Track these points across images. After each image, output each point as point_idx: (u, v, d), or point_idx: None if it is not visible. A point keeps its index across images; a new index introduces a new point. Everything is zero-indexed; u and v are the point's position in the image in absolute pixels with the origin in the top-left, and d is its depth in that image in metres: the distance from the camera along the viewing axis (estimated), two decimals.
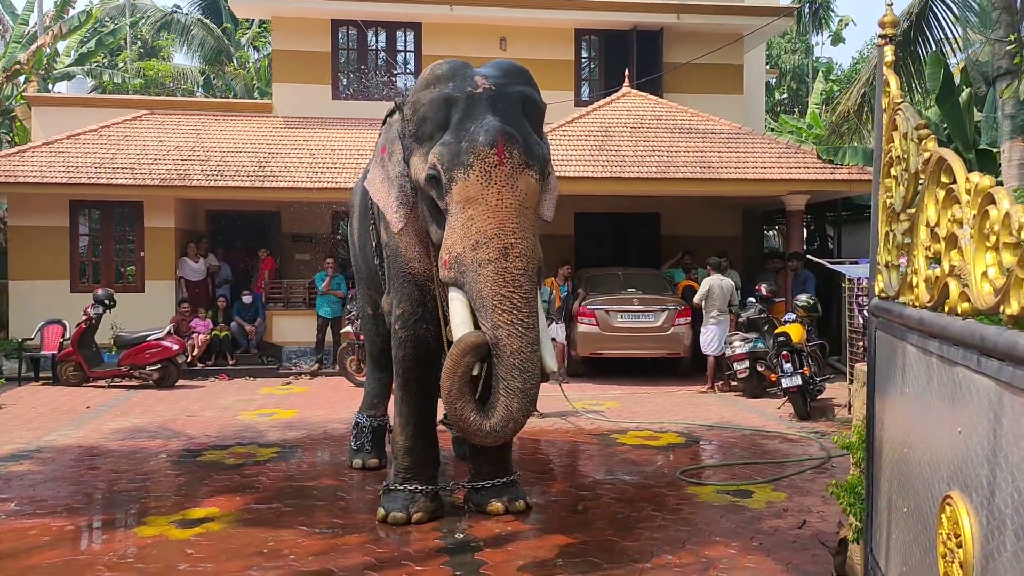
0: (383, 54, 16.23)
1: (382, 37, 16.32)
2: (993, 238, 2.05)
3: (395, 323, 5.83)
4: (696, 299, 11.47)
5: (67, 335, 12.35)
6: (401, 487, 5.73)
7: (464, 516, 5.93)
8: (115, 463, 7.47)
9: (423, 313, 5.71)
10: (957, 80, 15.37)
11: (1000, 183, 9.96)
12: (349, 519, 5.81)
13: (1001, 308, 1.99)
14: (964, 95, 15.14)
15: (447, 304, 5.14)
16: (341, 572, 4.86)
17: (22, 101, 20.37)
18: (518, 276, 4.72)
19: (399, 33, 16.32)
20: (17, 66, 20.07)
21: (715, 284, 11.48)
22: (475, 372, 4.78)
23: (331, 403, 10.58)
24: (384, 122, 5.96)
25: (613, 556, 5.10)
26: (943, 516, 2.25)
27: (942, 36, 12.23)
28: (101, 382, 12.03)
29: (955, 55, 14.52)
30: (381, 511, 5.70)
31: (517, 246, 4.75)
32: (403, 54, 16.38)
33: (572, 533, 5.55)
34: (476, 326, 4.81)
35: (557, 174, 12.91)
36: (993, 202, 2.07)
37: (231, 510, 6.05)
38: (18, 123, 21.98)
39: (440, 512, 5.80)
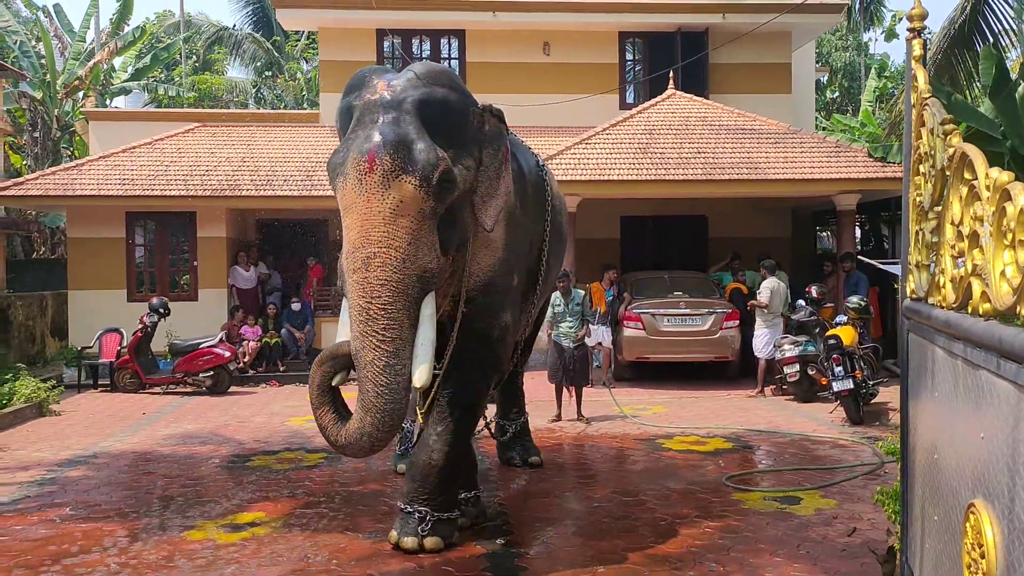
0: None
1: (426, 45, 16.46)
2: (1010, 235, 1.97)
3: None
4: (763, 301, 11.28)
5: (124, 343, 12.66)
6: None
7: (505, 522, 5.93)
8: (167, 468, 7.63)
9: None
10: (1014, 75, 14.90)
11: None
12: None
13: (1018, 308, 1.91)
14: (1021, 89, 14.67)
15: None
16: None
17: (81, 116, 21.01)
18: (377, 287, 4.64)
19: (443, 41, 16.45)
20: (76, 82, 20.74)
21: (775, 287, 11.32)
22: (335, 382, 4.77)
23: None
24: None
25: (655, 563, 5.05)
26: (967, 525, 2.18)
27: (1000, 29, 11.88)
28: (156, 389, 12.31)
29: (1015, 49, 14.08)
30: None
31: (380, 255, 4.65)
32: (447, 61, 16.47)
33: (614, 539, 5.51)
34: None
35: (602, 178, 12.90)
36: (1010, 198, 1.99)
37: (278, 515, 6.14)
38: (77, 138, 22.69)
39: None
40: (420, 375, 4.70)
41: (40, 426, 9.73)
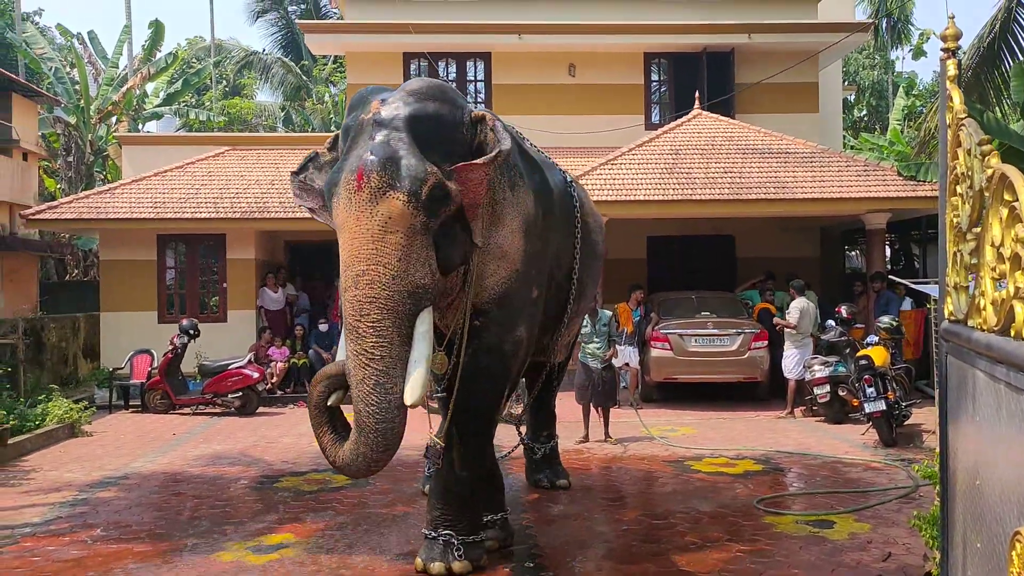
0: (453, 85, 16.48)
1: (453, 68, 16.60)
2: None
3: None
4: (792, 321, 11.18)
5: (155, 364, 12.79)
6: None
7: (534, 545, 5.89)
8: (197, 489, 7.68)
9: None
10: None
11: None
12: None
13: None
14: None
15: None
16: None
17: (114, 141, 21.40)
18: (365, 304, 4.62)
19: (469, 63, 16.58)
20: (110, 107, 21.15)
21: (804, 307, 11.22)
22: (331, 402, 4.75)
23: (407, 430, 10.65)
24: None
25: None
26: (1013, 553, 2.12)
27: None
28: (186, 409, 12.41)
29: None
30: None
31: (368, 273, 4.63)
32: (473, 84, 16.62)
33: (644, 563, 5.45)
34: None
35: (628, 198, 12.89)
36: None
37: (306, 536, 6.14)
38: (110, 162, 23.10)
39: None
40: (411, 393, 4.58)
41: (72, 447, 9.83)
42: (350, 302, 4.67)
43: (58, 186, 21.65)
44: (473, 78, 16.61)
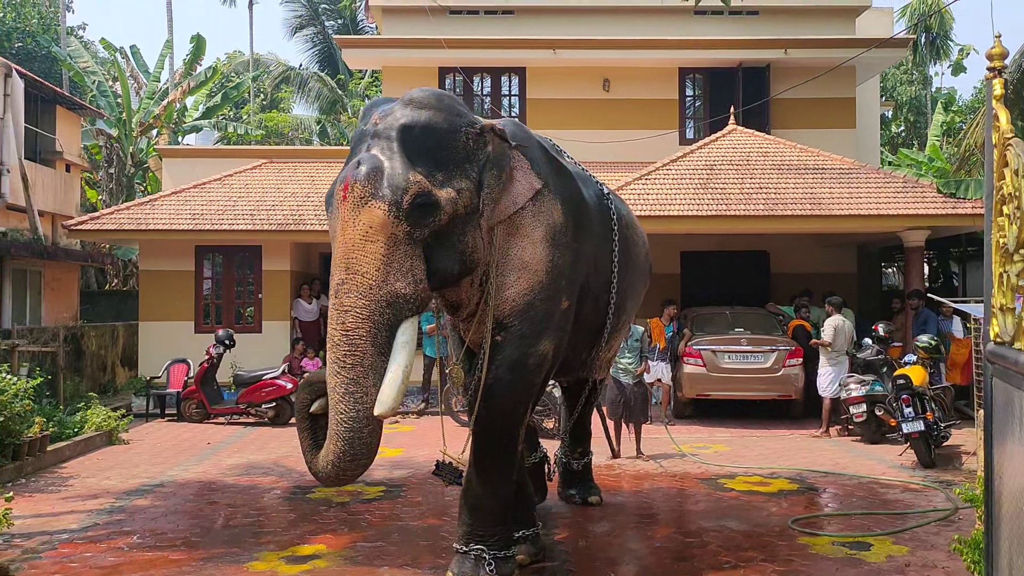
0: (488, 99, 16.59)
1: (487, 83, 16.71)
2: None
3: None
4: (827, 339, 11.06)
5: (191, 374, 12.95)
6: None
7: (566, 561, 5.86)
8: (231, 498, 7.75)
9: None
10: None
11: None
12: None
13: None
14: None
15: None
16: None
17: (154, 153, 21.79)
18: (342, 313, 4.64)
19: (504, 78, 16.68)
20: (151, 120, 21.55)
21: (840, 324, 11.08)
22: (313, 409, 4.77)
23: (437, 442, 10.63)
24: None
25: None
26: None
27: None
28: (221, 419, 12.54)
29: None
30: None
31: (347, 282, 4.66)
32: (508, 98, 16.71)
33: None
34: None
35: (662, 213, 12.84)
36: None
37: (338, 548, 6.17)
38: (150, 174, 23.52)
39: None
40: (379, 404, 4.52)
41: (110, 454, 9.98)
42: (332, 309, 4.72)
43: (99, 197, 22.07)
44: (508, 93, 16.70)
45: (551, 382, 7.52)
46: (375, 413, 4.53)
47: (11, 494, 6.64)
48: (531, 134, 5.79)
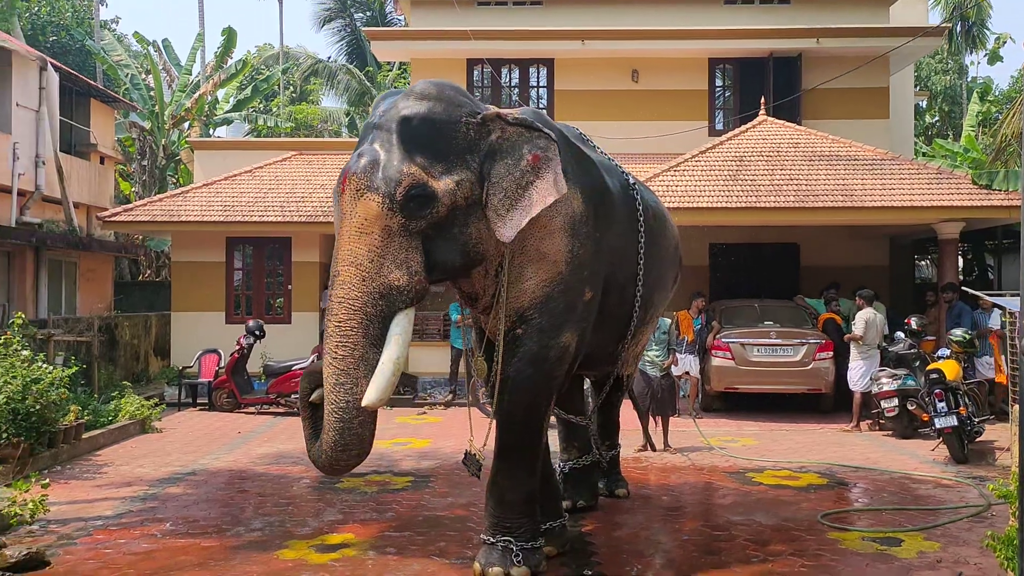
0: (516, 90, 16.56)
1: (515, 74, 16.67)
2: None
3: None
4: (857, 332, 10.94)
5: (222, 364, 13.11)
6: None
7: (593, 553, 5.87)
8: (261, 487, 7.85)
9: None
10: None
11: None
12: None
13: None
14: None
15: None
16: None
17: (186, 145, 22.02)
18: (335, 304, 4.71)
19: (532, 69, 16.63)
20: (183, 113, 21.77)
21: (871, 317, 10.95)
22: (312, 398, 4.81)
23: (464, 433, 10.68)
24: None
25: None
26: None
27: None
28: (251, 409, 12.68)
29: None
30: None
31: (342, 274, 4.73)
32: (536, 90, 16.66)
33: (704, 573, 5.39)
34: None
35: (691, 205, 12.74)
36: None
37: (366, 537, 6.23)
38: (182, 166, 23.78)
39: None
40: (368, 395, 4.54)
41: (143, 442, 10.14)
42: (329, 301, 4.79)
43: (133, 189, 22.35)
44: (536, 84, 16.66)
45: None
46: (363, 404, 4.55)
47: (47, 481, 6.80)
48: (550, 122, 5.73)
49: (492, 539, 5.31)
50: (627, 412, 9.97)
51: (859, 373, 10.90)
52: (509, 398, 5.29)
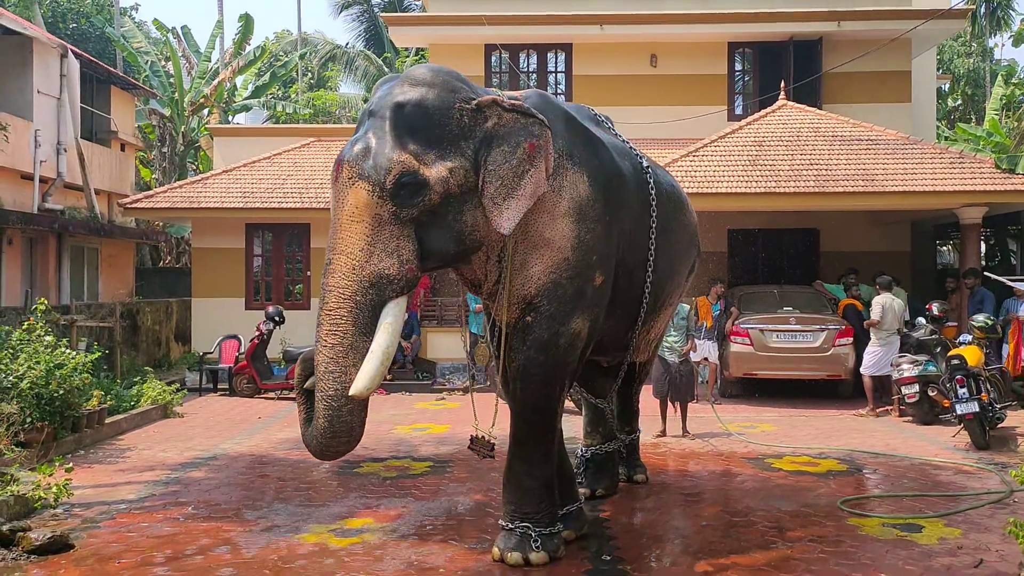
0: (534, 76, 16.49)
1: (533, 59, 16.60)
2: None
3: None
4: (875, 317, 10.88)
5: (242, 350, 13.21)
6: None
7: (611, 538, 5.88)
8: (282, 471, 7.91)
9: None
10: None
11: None
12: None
13: None
14: None
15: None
16: None
17: (206, 132, 22.12)
18: (326, 292, 4.72)
19: (550, 55, 16.56)
20: (202, 100, 21.86)
21: (888, 302, 10.88)
22: (306, 385, 4.82)
23: (483, 419, 10.73)
24: None
25: None
26: None
27: None
28: (271, 394, 12.77)
29: None
30: None
31: (334, 262, 4.73)
32: (554, 75, 16.59)
33: (723, 559, 5.39)
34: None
35: (710, 190, 12.68)
36: None
37: (386, 522, 6.27)
38: (202, 152, 23.89)
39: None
40: (357, 385, 4.53)
41: (165, 427, 10.25)
42: (321, 289, 4.81)
43: (153, 176, 22.49)
44: (554, 69, 16.58)
45: None
46: (350, 393, 4.55)
47: (71, 465, 6.88)
48: (555, 103, 5.62)
49: (510, 525, 5.34)
50: (646, 398, 9.98)
51: (874, 359, 10.86)
52: (522, 386, 5.28)
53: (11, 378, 7.93)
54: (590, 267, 5.34)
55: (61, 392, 8.20)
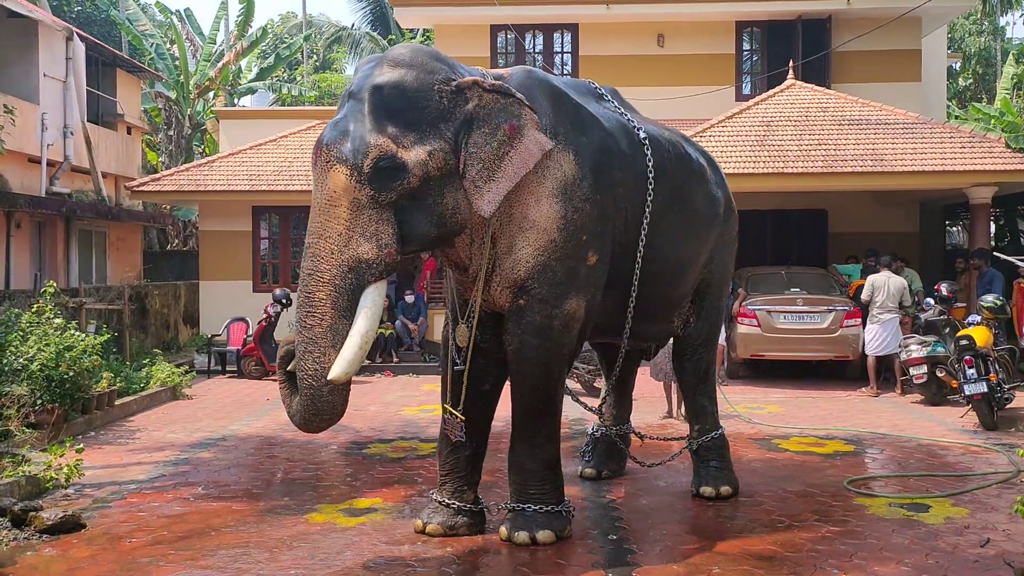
0: (540, 56, 16.40)
1: (539, 40, 16.52)
2: None
3: None
4: (864, 296, 10.89)
5: (250, 332, 13.26)
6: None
7: (618, 518, 5.91)
8: (290, 452, 7.96)
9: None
10: None
11: None
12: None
13: None
14: None
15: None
16: (495, 568, 4.96)
17: (211, 115, 22.11)
18: (305, 276, 4.71)
19: (556, 35, 16.47)
20: (207, 82, 21.83)
21: (880, 281, 10.87)
22: (289, 368, 4.83)
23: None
24: None
25: (773, 566, 4.92)
26: None
27: None
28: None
29: None
30: None
31: (312, 246, 4.72)
32: (560, 55, 16.51)
33: (729, 539, 5.41)
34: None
35: None
36: None
37: (394, 501, 6.30)
38: (208, 135, 23.88)
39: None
40: (335, 370, 4.55)
41: (174, 409, 10.31)
42: (300, 273, 4.82)
43: (159, 159, 22.52)
44: (560, 50, 16.50)
45: None
46: (329, 377, 4.56)
47: (81, 446, 6.94)
48: (543, 80, 5.43)
49: (517, 505, 5.36)
50: (652, 381, 9.99)
51: (870, 336, 10.89)
52: (519, 369, 5.26)
53: (21, 360, 7.98)
54: (580, 247, 5.22)
55: (71, 374, 8.24)
